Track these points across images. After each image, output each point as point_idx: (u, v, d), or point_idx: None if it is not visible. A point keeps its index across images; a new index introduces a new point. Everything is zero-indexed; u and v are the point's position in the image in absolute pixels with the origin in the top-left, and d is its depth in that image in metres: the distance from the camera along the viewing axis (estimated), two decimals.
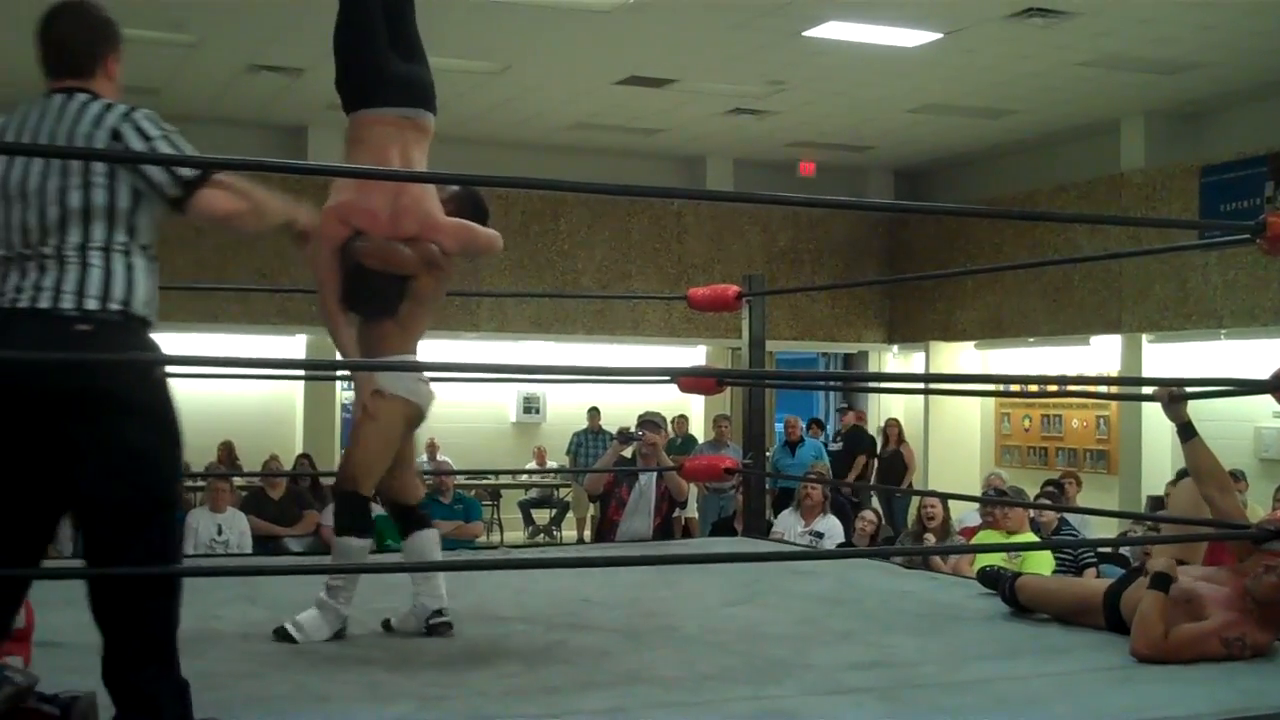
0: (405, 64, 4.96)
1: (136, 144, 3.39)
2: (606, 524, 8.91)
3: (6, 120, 3.53)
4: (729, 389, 14.56)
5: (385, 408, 4.90)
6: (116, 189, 3.35)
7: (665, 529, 8.72)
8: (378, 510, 10.89)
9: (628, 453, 9.15)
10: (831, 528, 9.66)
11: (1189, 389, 5.49)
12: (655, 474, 8.55)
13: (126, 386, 3.28)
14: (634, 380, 9.44)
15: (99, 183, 3.33)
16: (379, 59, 4.78)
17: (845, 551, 8.37)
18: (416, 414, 5.02)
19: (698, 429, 16.56)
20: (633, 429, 8.95)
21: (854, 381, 19.10)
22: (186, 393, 12.84)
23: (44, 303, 3.26)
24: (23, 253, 3.31)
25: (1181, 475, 5.64)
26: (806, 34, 12.62)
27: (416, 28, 5.06)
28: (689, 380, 7.04)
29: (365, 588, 5.17)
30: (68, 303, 3.26)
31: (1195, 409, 5.22)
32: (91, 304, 3.27)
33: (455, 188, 5.25)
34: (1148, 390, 6.75)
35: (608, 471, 8.91)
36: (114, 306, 3.30)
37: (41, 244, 3.30)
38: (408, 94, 4.97)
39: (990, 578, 5.87)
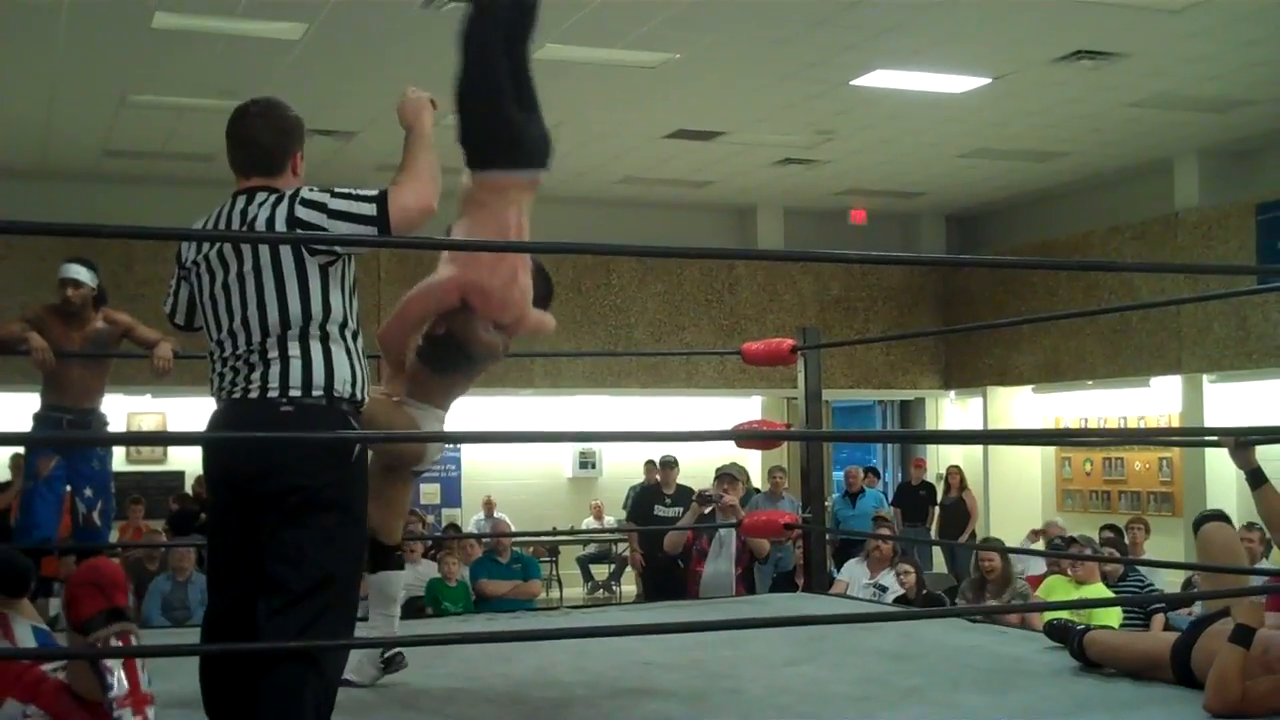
0: (531, 119, 4.83)
1: (316, 217, 3.66)
2: (690, 575, 9.01)
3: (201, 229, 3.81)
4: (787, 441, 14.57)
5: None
6: (307, 278, 3.64)
7: (747, 578, 8.79)
8: (433, 574, 11.04)
9: (707, 510, 9.25)
10: (894, 581, 9.58)
11: (1254, 437, 5.38)
12: (734, 525, 8.63)
13: (312, 469, 3.57)
14: (694, 439, 9.40)
15: (290, 278, 3.62)
16: (512, 118, 4.69)
17: (911, 612, 8.27)
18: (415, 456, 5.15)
19: (756, 479, 16.47)
20: (710, 492, 9.12)
21: (908, 436, 18.96)
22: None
23: (254, 393, 3.60)
24: (243, 353, 3.65)
25: (1203, 521, 5.39)
26: (854, 83, 12.61)
27: (532, 75, 4.90)
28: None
29: (423, 652, 5.17)
30: (274, 392, 3.60)
31: (1261, 451, 5.12)
32: (294, 391, 3.60)
33: (535, 261, 5.18)
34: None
35: (688, 528, 9.08)
36: (316, 392, 3.62)
37: (250, 346, 3.63)
38: (536, 154, 4.88)
39: (1058, 631, 5.78)
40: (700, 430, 6.00)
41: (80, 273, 6.92)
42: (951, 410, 19.47)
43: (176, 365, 6.79)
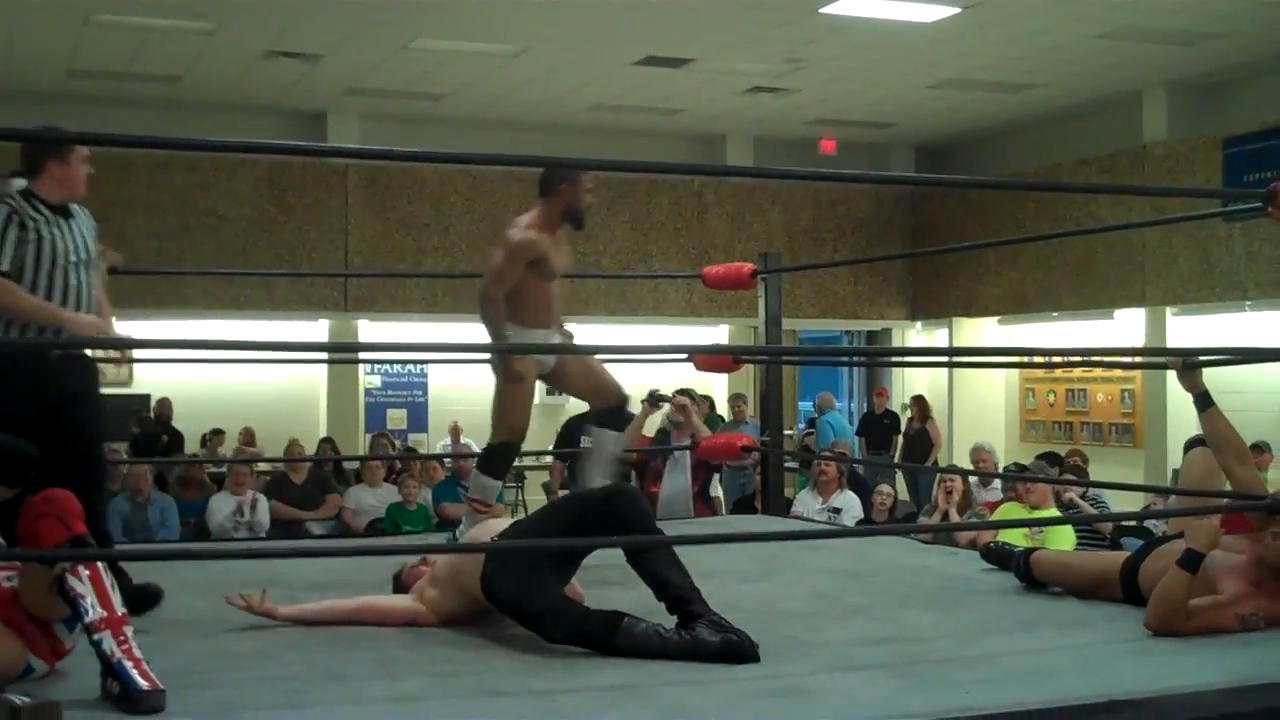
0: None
1: None
2: (646, 497, 8.93)
3: None
4: (750, 369, 14.63)
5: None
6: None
7: (704, 497, 8.78)
8: (395, 498, 11.06)
9: (659, 420, 9.14)
10: (849, 503, 9.63)
11: (1202, 358, 5.45)
12: (688, 443, 8.61)
13: None
14: (652, 360, 9.38)
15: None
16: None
17: (863, 530, 8.36)
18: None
19: (724, 410, 16.52)
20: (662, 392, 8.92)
21: (871, 357, 18.97)
22: (209, 380, 12.94)
23: None
24: None
25: (1190, 445, 5.58)
26: (824, 10, 12.58)
27: None
28: (707, 358, 7.05)
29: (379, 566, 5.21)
30: None
31: (1221, 381, 5.18)
32: None
33: None
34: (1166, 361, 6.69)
35: (643, 443, 8.95)
36: None
37: None
38: None
39: (996, 554, 5.83)
40: (656, 345, 6.05)
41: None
42: (918, 341, 19.53)
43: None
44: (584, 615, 4.39)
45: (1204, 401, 5.13)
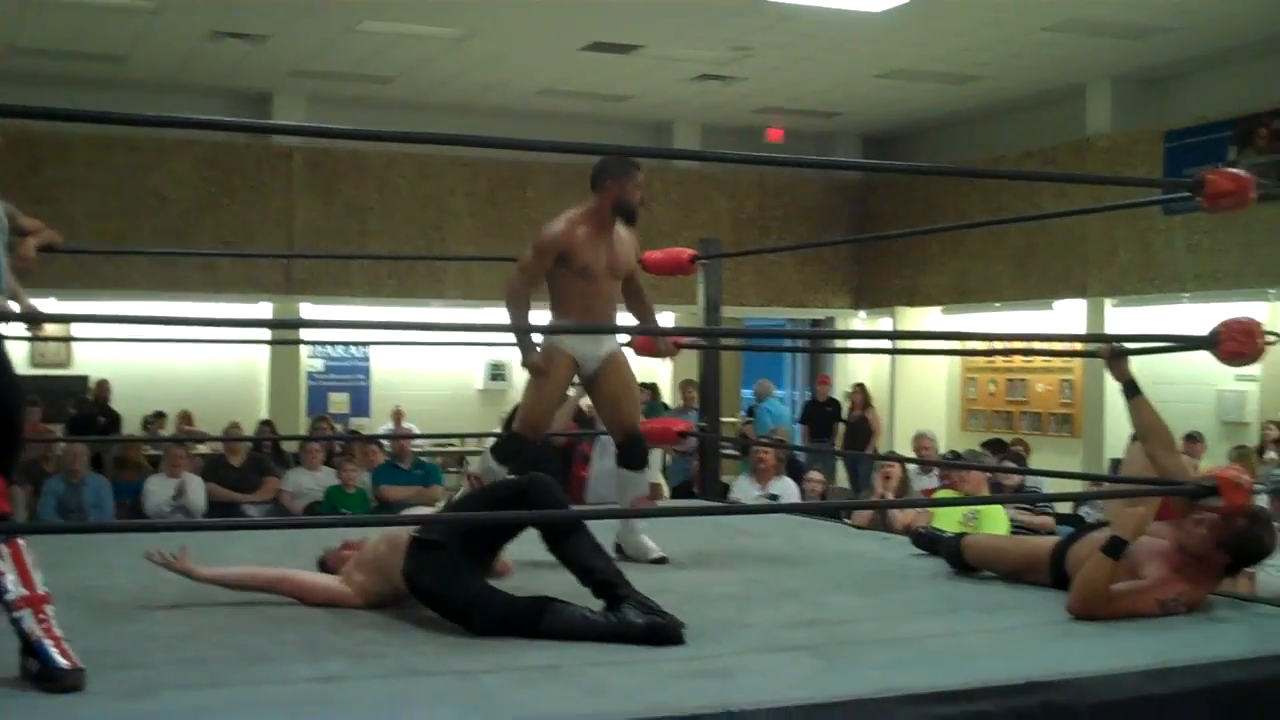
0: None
1: None
2: (575, 480, 8.90)
3: None
4: (695, 355, 14.65)
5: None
6: None
7: None
8: (333, 481, 10.98)
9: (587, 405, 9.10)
10: (787, 489, 9.68)
11: (1130, 345, 5.51)
12: None
13: None
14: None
15: None
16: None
17: (785, 506, 8.39)
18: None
19: (669, 398, 16.54)
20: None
21: (811, 342, 18.99)
22: (149, 361, 12.87)
23: None
24: None
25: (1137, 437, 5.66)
26: None
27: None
28: (645, 342, 7.05)
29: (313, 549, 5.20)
30: None
31: (1154, 371, 5.24)
32: None
33: None
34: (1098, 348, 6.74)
35: (571, 428, 8.88)
36: None
37: None
38: None
39: (925, 539, 5.87)
40: (591, 325, 5.99)
41: None
42: (861, 329, 19.60)
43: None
44: (509, 603, 4.39)
45: (1131, 390, 5.19)
